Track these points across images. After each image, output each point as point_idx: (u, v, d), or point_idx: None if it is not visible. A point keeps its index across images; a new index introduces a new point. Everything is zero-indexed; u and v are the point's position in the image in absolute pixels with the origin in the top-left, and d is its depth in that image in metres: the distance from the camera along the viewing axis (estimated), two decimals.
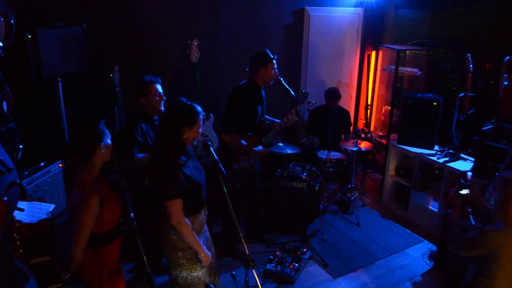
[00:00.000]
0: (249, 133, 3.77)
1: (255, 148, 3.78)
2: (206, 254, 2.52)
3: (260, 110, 3.83)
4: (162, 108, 3.33)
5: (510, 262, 2.22)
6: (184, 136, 2.44)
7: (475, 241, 2.30)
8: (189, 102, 2.47)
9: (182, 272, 2.56)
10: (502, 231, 2.20)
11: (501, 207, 2.23)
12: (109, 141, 2.34)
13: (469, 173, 2.92)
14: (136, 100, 3.32)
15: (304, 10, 5.25)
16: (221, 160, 2.65)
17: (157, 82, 3.34)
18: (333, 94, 5.07)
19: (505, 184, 2.24)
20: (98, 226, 2.26)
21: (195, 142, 2.60)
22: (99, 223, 2.26)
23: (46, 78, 3.26)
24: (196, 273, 2.57)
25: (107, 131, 2.34)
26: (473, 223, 3.48)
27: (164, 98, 3.34)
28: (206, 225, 2.71)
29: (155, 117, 3.39)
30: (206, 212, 2.69)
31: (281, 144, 4.60)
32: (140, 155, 3.21)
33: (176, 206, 2.39)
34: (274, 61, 3.69)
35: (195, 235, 2.49)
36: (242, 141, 3.72)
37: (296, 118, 3.74)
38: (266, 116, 4.02)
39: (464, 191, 2.63)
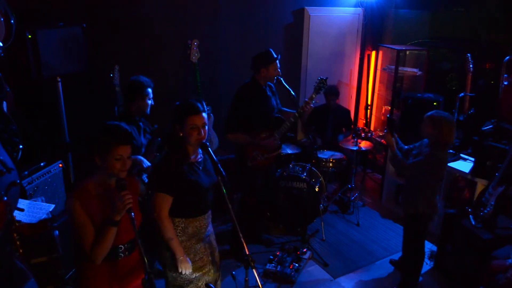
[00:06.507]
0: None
1: (266, 141, 3.76)
2: (184, 259, 2.41)
3: (266, 106, 3.79)
4: (148, 112, 3.20)
5: (440, 171, 3.19)
6: (181, 134, 2.42)
7: (416, 165, 3.21)
8: (192, 100, 2.43)
9: (172, 272, 2.49)
10: (434, 154, 3.12)
11: (432, 137, 3.15)
12: None
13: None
14: (127, 101, 3.18)
15: (304, 10, 5.25)
16: (235, 158, 2.63)
17: (151, 86, 3.22)
18: (331, 90, 5.09)
19: (431, 121, 3.16)
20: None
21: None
22: None
23: (46, 78, 3.26)
24: (185, 276, 2.48)
25: None
26: (473, 223, 3.49)
27: (153, 102, 3.23)
28: (210, 231, 2.65)
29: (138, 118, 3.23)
30: (209, 219, 2.62)
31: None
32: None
33: (161, 200, 2.39)
34: (277, 61, 3.66)
35: (174, 237, 2.41)
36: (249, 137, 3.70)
37: (312, 106, 3.67)
38: (283, 108, 3.96)
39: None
